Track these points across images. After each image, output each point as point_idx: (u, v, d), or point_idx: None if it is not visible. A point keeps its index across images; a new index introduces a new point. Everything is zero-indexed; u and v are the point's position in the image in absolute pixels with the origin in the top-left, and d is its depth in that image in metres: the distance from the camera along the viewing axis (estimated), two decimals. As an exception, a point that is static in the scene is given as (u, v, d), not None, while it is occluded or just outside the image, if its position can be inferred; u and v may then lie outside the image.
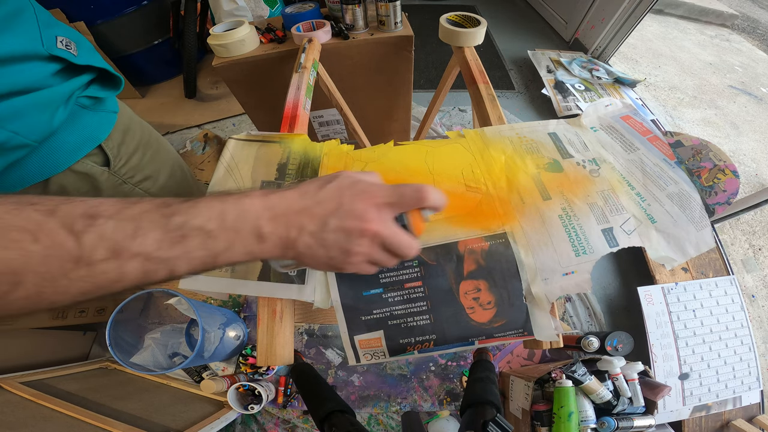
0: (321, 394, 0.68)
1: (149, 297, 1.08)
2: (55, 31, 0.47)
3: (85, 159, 0.54)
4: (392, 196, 0.29)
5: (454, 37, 0.77)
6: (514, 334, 0.40)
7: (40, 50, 0.44)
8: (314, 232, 0.27)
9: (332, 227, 0.27)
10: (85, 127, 0.53)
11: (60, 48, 0.46)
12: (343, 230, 0.27)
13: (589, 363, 0.85)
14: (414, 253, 0.30)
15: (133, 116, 0.66)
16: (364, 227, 0.27)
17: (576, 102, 1.62)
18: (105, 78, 0.55)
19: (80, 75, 0.49)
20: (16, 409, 0.75)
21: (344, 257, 0.28)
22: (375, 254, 0.29)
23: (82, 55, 0.50)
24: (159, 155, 0.70)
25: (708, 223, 0.44)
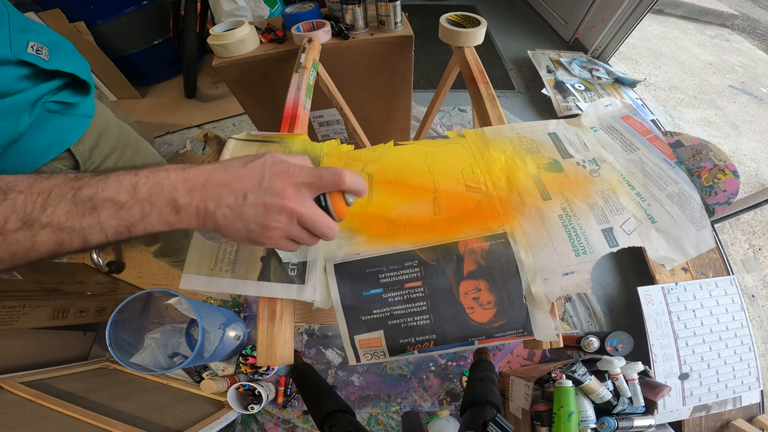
0: (321, 394, 0.68)
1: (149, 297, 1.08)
2: (28, 36, 0.47)
3: (53, 162, 0.54)
4: (311, 176, 0.30)
5: (454, 37, 0.77)
6: (514, 334, 0.40)
7: (8, 55, 0.44)
8: (232, 205, 0.29)
9: (251, 202, 0.29)
10: (54, 131, 0.53)
11: (30, 53, 0.46)
12: (262, 205, 0.29)
13: (589, 363, 0.85)
14: (333, 235, 0.32)
15: (110, 118, 0.66)
16: (282, 203, 0.29)
17: (576, 102, 1.62)
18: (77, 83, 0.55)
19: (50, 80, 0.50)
20: (16, 409, 0.74)
21: (262, 231, 0.30)
22: (293, 230, 0.31)
23: (55, 60, 0.50)
24: (138, 157, 0.70)
25: (708, 223, 0.44)
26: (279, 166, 0.30)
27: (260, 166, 0.30)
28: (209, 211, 0.28)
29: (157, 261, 1.30)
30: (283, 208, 0.29)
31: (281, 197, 0.29)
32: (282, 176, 0.29)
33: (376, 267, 0.42)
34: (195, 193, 0.28)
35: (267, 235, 0.30)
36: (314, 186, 0.31)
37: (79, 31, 1.46)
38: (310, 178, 0.30)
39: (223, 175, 0.29)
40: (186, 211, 0.28)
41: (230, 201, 0.28)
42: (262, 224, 0.29)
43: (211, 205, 0.28)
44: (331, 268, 0.42)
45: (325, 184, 0.31)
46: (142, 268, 1.31)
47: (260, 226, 0.30)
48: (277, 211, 0.29)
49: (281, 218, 0.30)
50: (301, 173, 0.30)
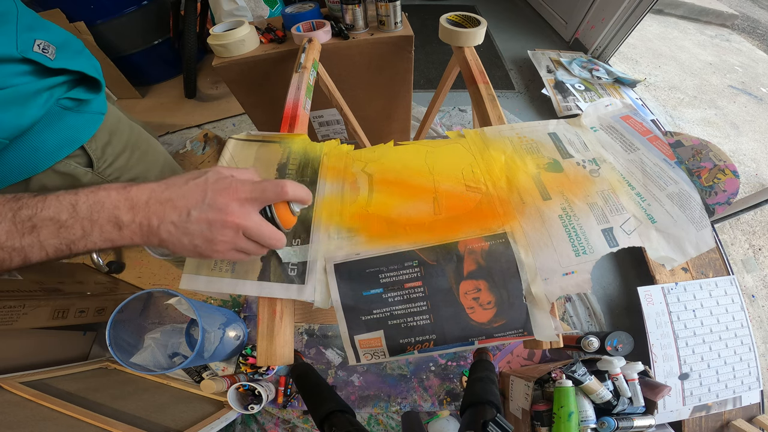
0: (321, 394, 0.68)
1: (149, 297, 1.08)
2: (36, 34, 0.47)
3: (67, 159, 0.54)
4: (254, 191, 0.31)
5: (454, 37, 0.77)
6: (514, 334, 0.40)
7: (13, 53, 0.44)
8: (176, 221, 0.30)
9: (194, 218, 0.30)
10: (67, 128, 0.53)
11: (36, 52, 0.46)
12: (206, 221, 0.30)
13: (589, 363, 0.85)
14: (280, 245, 0.34)
15: (121, 117, 0.66)
16: (226, 219, 0.30)
17: (576, 102, 1.62)
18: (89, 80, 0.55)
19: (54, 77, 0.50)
20: (16, 409, 0.74)
21: (208, 245, 0.31)
22: (240, 243, 0.32)
23: (61, 58, 0.50)
24: (148, 156, 0.70)
25: (708, 223, 0.44)
26: (221, 183, 0.31)
27: (202, 183, 0.31)
28: (153, 227, 0.29)
29: (158, 261, 1.31)
30: (227, 223, 0.30)
31: (224, 213, 0.30)
32: (225, 192, 0.30)
33: (376, 267, 0.42)
34: (138, 210, 0.29)
35: (213, 248, 0.31)
36: (258, 200, 0.32)
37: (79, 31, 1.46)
38: (253, 192, 0.31)
39: (166, 192, 0.30)
40: (129, 228, 0.29)
41: (174, 217, 0.29)
42: (208, 239, 0.30)
43: (154, 221, 0.29)
44: (331, 268, 0.42)
45: (268, 196, 0.32)
46: (142, 268, 1.31)
47: (206, 241, 0.31)
48: (221, 226, 0.30)
49: (226, 232, 0.31)
50: (244, 188, 0.31)
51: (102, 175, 0.60)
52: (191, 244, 0.31)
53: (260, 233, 0.32)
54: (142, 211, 0.29)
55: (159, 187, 0.30)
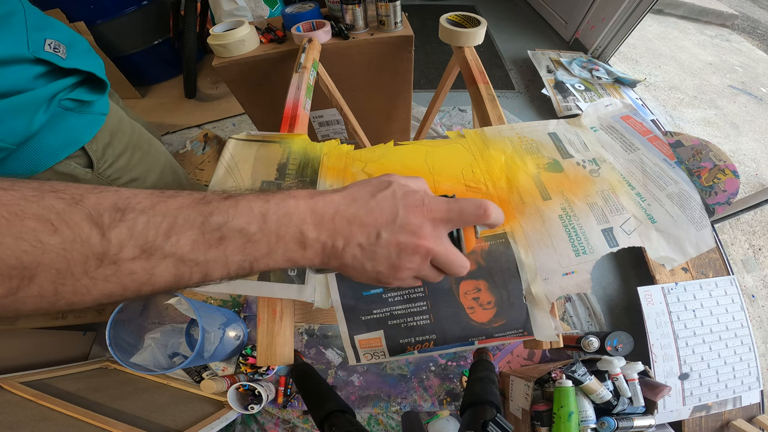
0: (321, 394, 0.68)
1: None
2: (45, 33, 0.47)
3: (67, 160, 0.54)
4: (451, 211, 0.27)
5: (454, 37, 0.77)
6: (514, 334, 0.40)
7: (26, 53, 0.44)
8: (364, 244, 0.25)
9: (384, 241, 0.25)
10: (68, 129, 0.52)
11: (47, 51, 0.46)
12: (396, 245, 0.25)
13: (589, 363, 0.85)
14: (465, 272, 0.28)
15: (123, 117, 0.66)
16: (419, 243, 0.25)
17: (576, 102, 1.62)
18: (93, 81, 0.55)
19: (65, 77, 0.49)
20: (16, 409, 0.74)
21: (392, 272, 0.27)
22: (424, 270, 0.28)
23: (72, 57, 0.50)
24: (149, 156, 0.70)
25: (708, 223, 0.44)
26: (412, 198, 0.26)
27: (390, 197, 0.26)
28: (337, 249, 0.25)
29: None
30: (419, 248, 0.26)
31: (417, 236, 0.25)
32: (418, 211, 0.26)
33: (376, 267, 0.42)
34: (323, 227, 0.24)
35: (396, 276, 0.27)
36: (453, 222, 0.27)
37: (79, 31, 1.46)
38: (449, 213, 0.26)
39: (352, 207, 0.25)
40: (312, 248, 0.24)
41: (361, 239, 0.25)
42: (394, 265, 0.26)
43: (339, 242, 0.25)
44: (331, 268, 0.42)
45: (466, 219, 0.27)
46: (142, 268, 1.31)
47: (391, 267, 0.26)
48: (412, 252, 0.26)
49: (415, 259, 0.26)
50: (439, 207, 0.26)
51: (102, 176, 0.60)
52: (374, 271, 0.26)
53: (450, 261, 0.27)
54: (328, 229, 0.24)
55: (344, 200, 0.25)
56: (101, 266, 0.19)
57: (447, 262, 0.27)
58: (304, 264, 0.25)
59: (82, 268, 0.18)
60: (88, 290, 0.19)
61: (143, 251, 0.19)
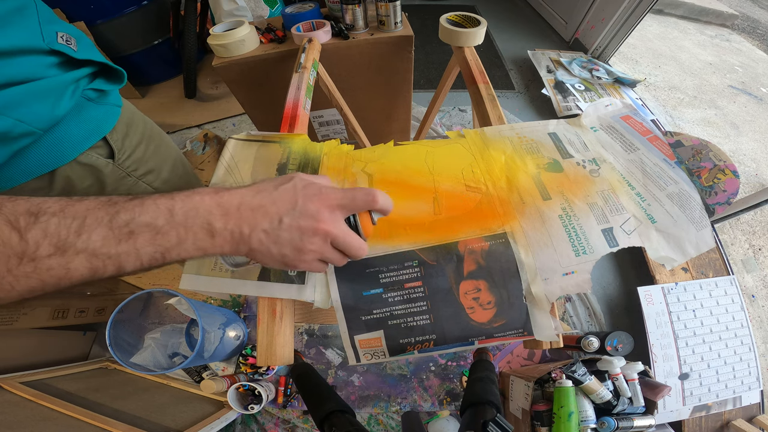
0: (321, 394, 0.68)
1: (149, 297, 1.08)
2: (56, 27, 0.48)
3: (89, 151, 0.54)
4: (344, 198, 0.30)
5: (454, 37, 0.77)
6: (514, 334, 0.40)
7: (41, 45, 0.45)
8: (268, 229, 0.28)
9: (286, 225, 0.28)
10: (90, 119, 0.53)
11: (60, 43, 0.47)
12: (298, 228, 0.29)
13: (589, 363, 0.85)
14: (363, 254, 0.32)
15: (135, 110, 0.67)
16: (317, 226, 0.29)
17: (576, 102, 1.62)
18: (108, 72, 0.56)
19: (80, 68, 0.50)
20: (16, 409, 0.74)
21: (297, 255, 0.29)
22: (327, 253, 0.31)
23: (82, 50, 0.50)
24: (161, 149, 0.71)
25: (708, 223, 0.44)
26: (311, 189, 0.30)
27: (291, 189, 0.29)
28: (244, 235, 0.28)
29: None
30: (318, 230, 0.29)
31: (316, 220, 0.29)
32: (315, 199, 0.29)
33: (376, 267, 0.42)
34: (230, 217, 0.27)
35: (301, 258, 0.30)
36: (347, 207, 0.31)
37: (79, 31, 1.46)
38: (343, 200, 0.30)
39: (257, 198, 0.28)
40: (221, 235, 0.27)
41: (265, 225, 0.28)
42: (297, 248, 0.29)
43: (246, 229, 0.28)
44: (331, 268, 0.42)
45: (358, 204, 0.31)
46: (142, 268, 1.31)
47: (295, 250, 0.29)
48: (311, 234, 0.29)
49: (315, 240, 0.29)
50: (335, 195, 0.30)
51: (122, 167, 0.60)
52: (279, 254, 0.29)
53: (347, 242, 0.31)
54: (234, 218, 0.27)
55: (249, 192, 0.29)
56: (21, 264, 0.21)
57: (345, 243, 0.31)
58: (215, 252, 0.28)
59: (6, 267, 0.21)
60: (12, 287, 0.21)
61: (57, 248, 0.22)
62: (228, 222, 0.27)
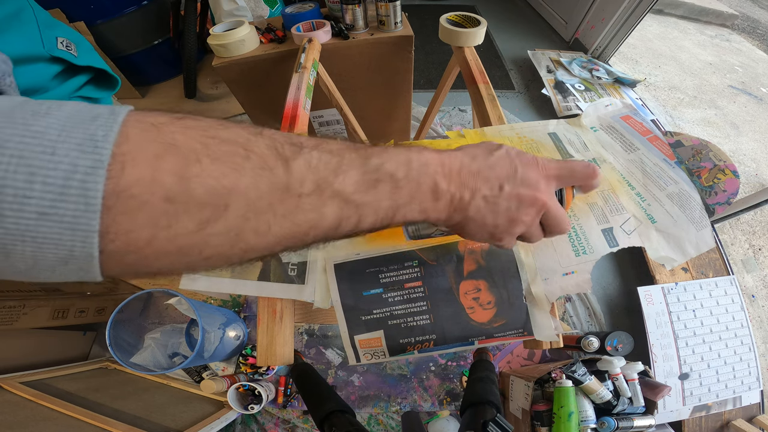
0: (321, 394, 0.68)
1: (149, 297, 1.08)
2: (55, 31, 0.47)
3: None
4: (563, 169, 0.28)
5: (454, 37, 0.77)
6: (514, 334, 0.40)
7: (42, 51, 0.44)
8: (488, 196, 0.25)
9: (507, 193, 0.26)
10: None
11: (61, 49, 0.46)
12: (517, 197, 0.26)
13: (589, 363, 0.85)
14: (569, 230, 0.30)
15: None
16: (537, 196, 0.26)
17: (576, 102, 1.62)
18: (101, 78, 0.55)
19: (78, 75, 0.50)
20: (16, 409, 0.75)
21: (508, 226, 0.27)
22: (533, 227, 0.28)
23: (82, 55, 0.50)
24: None
25: (708, 223, 0.44)
26: (526, 157, 0.27)
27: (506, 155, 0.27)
28: (464, 201, 0.25)
29: (157, 261, 1.30)
30: (537, 200, 0.26)
31: (536, 189, 0.26)
32: (534, 167, 0.27)
33: (376, 267, 0.42)
34: (452, 179, 0.25)
35: (510, 230, 0.27)
36: (564, 179, 0.28)
37: (79, 31, 1.46)
38: (562, 170, 0.28)
39: (475, 163, 0.26)
40: (444, 198, 0.24)
41: (486, 191, 0.25)
42: (512, 218, 0.26)
43: (467, 194, 0.25)
44: (331, 268, 0.42)
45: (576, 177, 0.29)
46: (142, 268, 1.31)
47: (509, 221, 0.27)
48: (530, 204, 0.26)
49: (531, 212, 0.27)
50: (552, 165, 0.28)
51: None
52: (493, 224, 0.26)
53: (558, 217, 0.28)
54: (456, 182, 0.25)
55: (466, 157, 0.26)
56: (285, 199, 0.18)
57: (556, 217, 0.28)
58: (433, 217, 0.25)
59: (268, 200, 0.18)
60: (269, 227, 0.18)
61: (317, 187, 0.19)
62: (451, 184, 0.24)
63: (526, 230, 0.28)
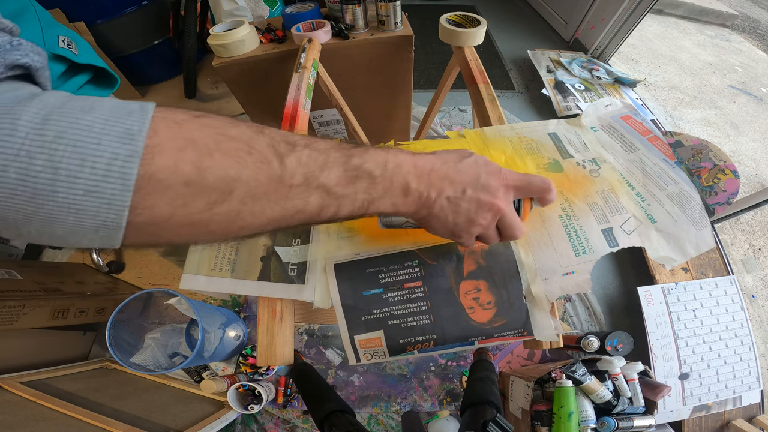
0: (321, 394, 0.68)
1: (149, 297, 1.08)
2: (56, 30, 0.48)
3: None
4: (522, 181, 0.32)
5: (454, 37, 0.77)
6: (514, 334, 0.40)
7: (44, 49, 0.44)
8: (452, 197, 0.30)
9: (468, 196, 0.30)
10: None
11: (62, 47, 0.47)
12: (476, 201, 0.30)
13: (589, 363, 0.85)
14: (521, 236, 0.34)
15: None
16: (494, 202, 0.30)
17: (576, 102, 1.62)
18: (100, 77, 0.55)
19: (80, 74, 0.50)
20: (16, 409, 0.75)
21: (467, 226, 0.31)
22: (490, 229, 0.32)
23: (82, 54, 0.50)
24: None
25: (708, 223, 0.44)
26: (491, 167, 0.31)
27: (474, 163, 0.31)
28: (430, 199, 0.29)
29: (158, 260, 1.31)
30: (493, 205, 0.30)
31: (494, 196, 0.30)
32: (496, 176, 0.31)
33: (376, 267, 0.42)
34: (422, 179, 0.28)
35: (469, 230, 0.31)
36: (522, 190, 0.32)
37: (79, 31, 1.46)
38: (520, 182, 0.32)
39: (444, 167, 0.30)
40: (413, 195, 0.28)
41: (450, 192, 0.29)
42: (471, 219, 0.31)
43: (433, 193, 0.29)
44: (331, 268, 0.42)
45: (532, 189, 0.32)
46: (142, 268, 1.31)
47: (468, 221, 0.31)
48: (487, 209, 0.30)
49: (488, 216, 0.31)
50: (513, 176, 0.32)
51: None
52: (453, 222, 0.31)
53: (513, 222, 0.32)
54: (425, 182, 0.29)
55: (438, 161, 0.30)
56: (278, 188, 0.22)
57: (511, 223, 0.32)
58: (403, 211, 0.29)
59: (264, 189, 0.21)
60: (261, 212, 0.22)
61: (305, 179, 0.23)
62: (420, 184, 0.28)
63: (483, 232, 0.32)
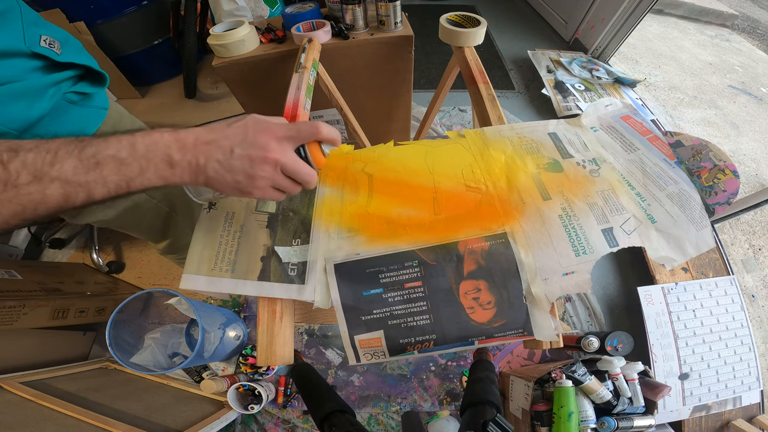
0: (321, 394, 0.68)
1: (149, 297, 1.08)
2: (40, 30, 0.49)
3: None
4: (290, 130, 0.35)
5: (454, 37, 0.77)
6: (514, 334, 0.40)
7: (22, 47, 0.46)
8: (221, 159, 0.32)
9: (237, 155, 0.32)
10: (74, 121, 0.54)
11: (43, 46, 0.48)
12: (248, 157, 0.32)
13: (589, 363, 0.85)
14: (313, 182, 0.37)
15: (124, 113, 0.67)
16: (267, 155, 0.33)
17: (576, 102, 1.62)
18: (94, 74, 0.56)
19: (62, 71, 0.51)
20: (16, 409, 0.74)
21: (250, 181, 0.33)
22: (278, 179, 0.35)
23: (66, 53, 0.51)
24: None
25: (708, 223, 0.44)
26: (261, 125, 0.34)
27: (243, 126, 0.33)
28: (200, 166, 0.32)
29: (158, 260, 1.31)
30: (267, 158, 0.33)
31: (265, 150, 0.33)
32: (264, 132, 0.33)
33: (376, 267, 0.42)
34: (186, 150, 0.31)
35: (254, 184, 0.34)
36: (294, 138, 0.35)
37: (79, 31, 1.46)
38: (289, 131, 0.34)
39: (210, 134, 0.32)
40: (179, 166, 0.31)
41: (219, 156, 0.32)
42: (249, 174, 0.33)
43: (201, 159, 0.32)
44: (331, 268, 0.42)
45: (303, 135, 0.35)
46: (142, 268, 1.31)
47: (248, 177, 0.33)
48: (261, 162, 0.33)
49: (266, 168, 0.33)
50: (281, 128, 0.34)
51: None
52: (234, 181, 0.33)
53: (296, 169, 0.34)
54: (191, 151, 0.31)
55: (203, 131, 0.33)
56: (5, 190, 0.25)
57: (295, 169, 0.35)
58: (176, 180, 0.32)
59: None
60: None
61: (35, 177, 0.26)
62: (185, 154, 0.31)
63: (273, 182, 0.35)
